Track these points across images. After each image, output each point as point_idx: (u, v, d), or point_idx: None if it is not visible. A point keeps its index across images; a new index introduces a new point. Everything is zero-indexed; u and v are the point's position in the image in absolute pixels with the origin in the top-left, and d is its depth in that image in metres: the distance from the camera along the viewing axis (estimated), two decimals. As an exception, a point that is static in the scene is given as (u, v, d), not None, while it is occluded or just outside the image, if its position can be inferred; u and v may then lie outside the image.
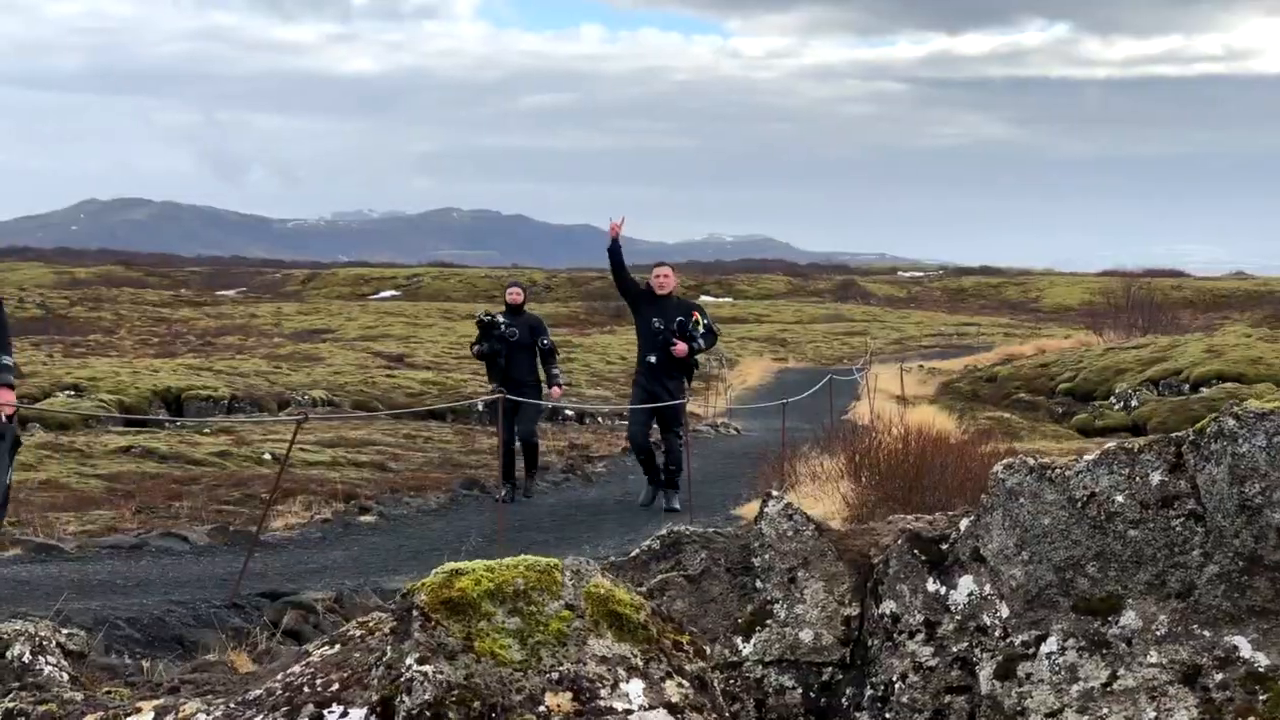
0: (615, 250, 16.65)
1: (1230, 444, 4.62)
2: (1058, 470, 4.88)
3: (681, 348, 16.84)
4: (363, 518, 16.52)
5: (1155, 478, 4.74)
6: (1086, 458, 4.86)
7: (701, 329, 17.00)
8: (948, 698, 4.94)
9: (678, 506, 17.07)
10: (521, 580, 3.82)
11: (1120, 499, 4.75)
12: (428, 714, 3.54)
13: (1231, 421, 4.64)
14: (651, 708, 3.66)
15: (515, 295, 17.91)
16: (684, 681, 3.75)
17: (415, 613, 3.74)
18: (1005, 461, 4.98)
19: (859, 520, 13.72)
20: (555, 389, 17.59)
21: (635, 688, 3.71)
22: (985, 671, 4.88)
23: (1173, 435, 4.81)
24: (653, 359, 16.89)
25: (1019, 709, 4.79)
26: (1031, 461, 4.93)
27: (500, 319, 17.53)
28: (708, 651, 3.90)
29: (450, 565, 3.86)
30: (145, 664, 8.58)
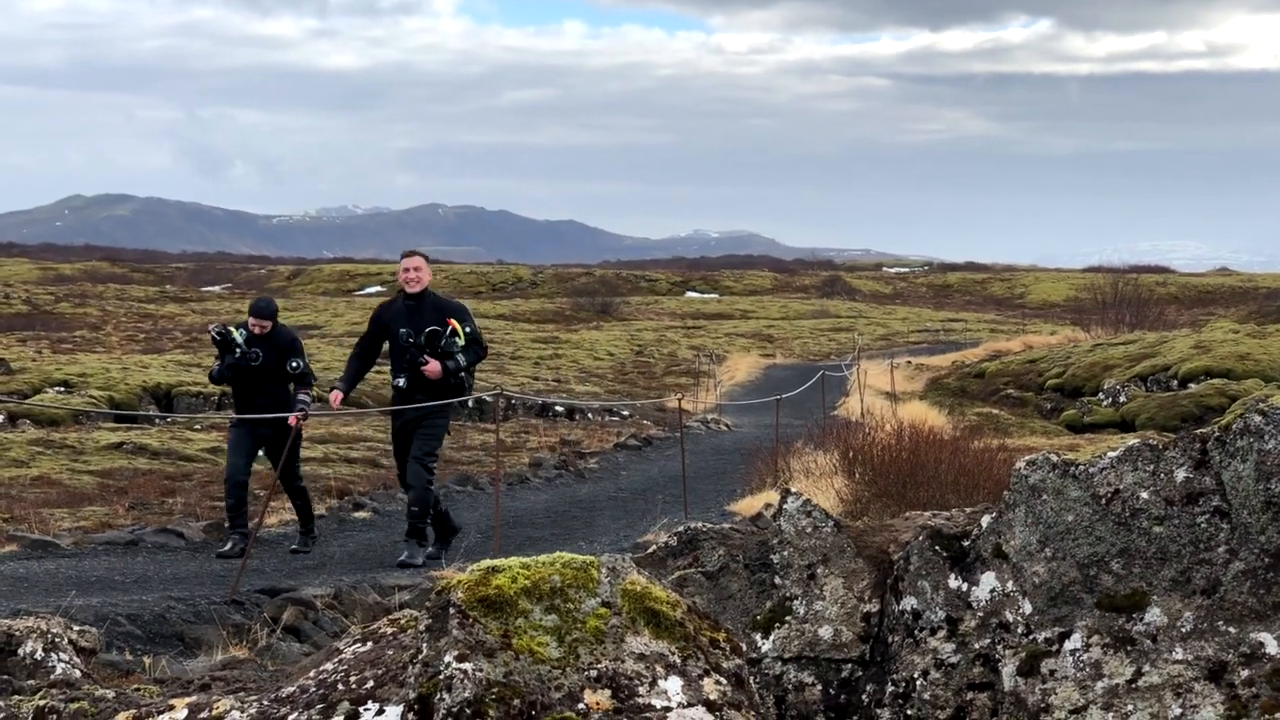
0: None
1: (1256, 440, 4.62)
2: (1081, 467, 4.87)
3: (434, 367, 12.95)
4: (357, 514, 16.53)
5: (1180, 474, 4.73)
6: (1110, 454, 4.85)
7: (462, 340, 13.08)
8: (970, 694, 4.93)
9: (418, 561, 13.04)
10: (558, 577, 3.81)
11: (1145, 495, 4.75)
12: (468, 711, 3.52)
13: (1258, 418, 4.63)
14: (690, 705, 3.65)
15: (261, 327, 14.06)
16: (722, 679, 3.75)
17: (452, 610, 3.72)
18: (1028, 458, 4.97)
19: (853, 516, 13.75)
20: (293, 416, 13.62)
21: (674, 685, 3.70)
22: (1008, 668, 4.87)
23: (1197, 431, 4.80)
24: (401, 382, 13.08)
25: (1042, 705, 4.78)
26: (1054, 458, 4.93)
27: (238, 336, 14.06)
28: (744, 649, 3.90)
29: (486, 562, 3.84)
30: (147, 660, 8.58)
